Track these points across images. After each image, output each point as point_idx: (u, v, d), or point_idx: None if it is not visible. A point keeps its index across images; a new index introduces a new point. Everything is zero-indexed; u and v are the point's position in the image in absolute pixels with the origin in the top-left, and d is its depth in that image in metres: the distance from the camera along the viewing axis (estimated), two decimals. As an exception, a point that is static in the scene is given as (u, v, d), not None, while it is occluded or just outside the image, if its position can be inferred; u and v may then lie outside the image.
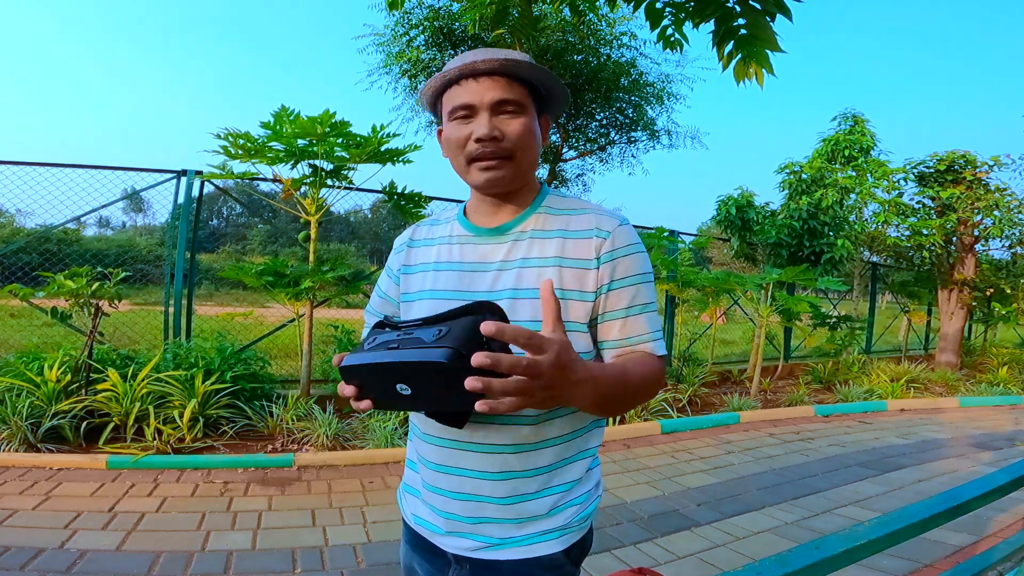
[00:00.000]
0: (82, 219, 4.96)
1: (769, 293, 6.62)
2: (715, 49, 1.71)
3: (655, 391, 0.91)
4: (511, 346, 0.70)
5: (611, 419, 5.02)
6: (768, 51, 1.65)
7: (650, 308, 0.93)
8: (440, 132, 0.99)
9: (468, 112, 0.91)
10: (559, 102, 0.99)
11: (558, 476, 0.94)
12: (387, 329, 0.79)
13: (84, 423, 3.74)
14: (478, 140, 0.90)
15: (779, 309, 6.66)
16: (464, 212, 1.03)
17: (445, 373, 0.67)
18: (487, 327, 0.64)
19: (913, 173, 9.52)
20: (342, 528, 2.88)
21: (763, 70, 1.69)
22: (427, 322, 0.76)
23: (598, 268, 0.91)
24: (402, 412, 4.33)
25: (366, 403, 0.77)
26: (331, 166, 4.43)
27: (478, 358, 0.63)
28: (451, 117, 0.93)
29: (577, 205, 0.98)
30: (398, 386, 0.72)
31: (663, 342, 0.93)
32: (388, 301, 1.11)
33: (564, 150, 9.36)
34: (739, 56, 1.70)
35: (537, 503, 0.92)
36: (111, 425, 3.78)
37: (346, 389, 0.76)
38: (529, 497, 0.92)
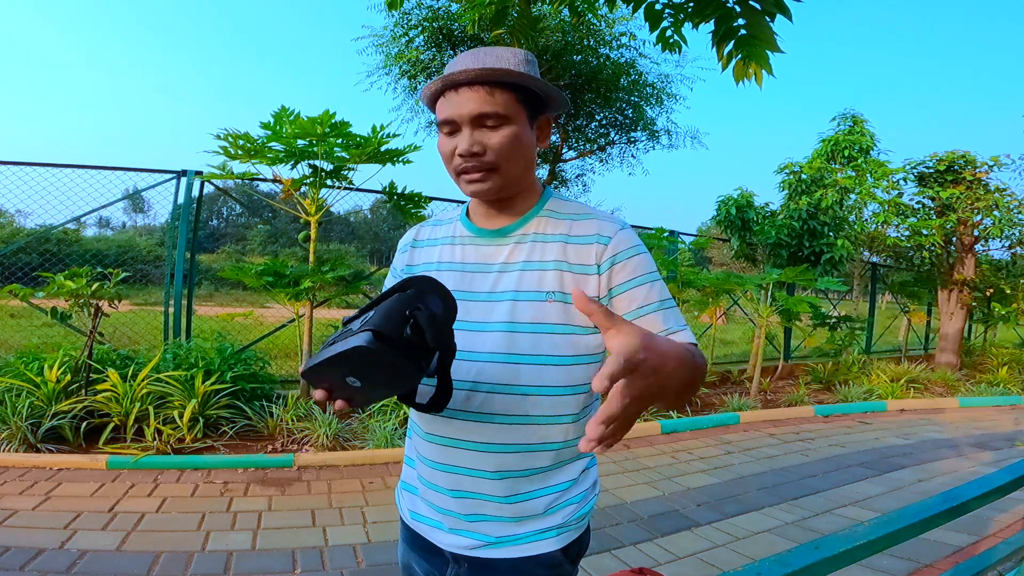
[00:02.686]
0: (82, 219, 4.96)
1: (769, 293, 6.62)
2: (715, 49, 1.71)
3: (700, 383, 0.80)
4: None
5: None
6: (767, 51, 1.65)
7: (668, 305, 0.91)
8: None
9: (452, 127, 0.91)
10: (555, 101, 0.97)
11: (556, 475, 0.94)
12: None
13: (84, 423, 3.74)
14: (460, 155, 0.91)
15: (779, 309, 6.66)
16: (467, 213, 1.04)
17: (371, 357, 0.68)
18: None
19: (913, 173, 9.51)
20: (342, 528, 2.88)
21: (762, 70, 1.69)
22: (363, 310, 0.77)
23: (599, 274, 0.91)
24: (403, 410, 4.33)
25: (339, 403, 0.77)
26: (331, 166, 4.43)
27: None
28: (440, 130, 0.94)
29: (580, 210, 0.98)
30: (348, 379, 0.73)
31: (691, 332, 0.90)
32: None
33: (564, 150, 9.37)
34: (739, 56, 1.70)
35: (535, 502, 0.92)
36: (111, 425, 3.77)
37: (316, 394, 0.77)
38: (527, 496, 0.92)
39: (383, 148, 4.34)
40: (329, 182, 4.51)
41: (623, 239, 0.93)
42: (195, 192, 5.09)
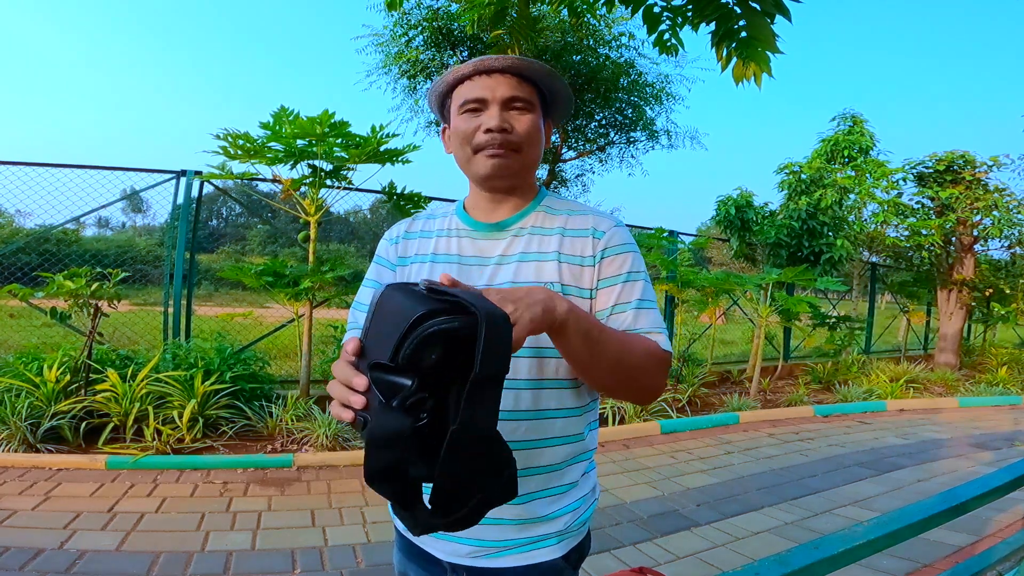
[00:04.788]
0: (81, 219, 4.96)
1: (768, 293, 6.62)
2: (714, 50, 1.71)
3: (656, 375, 0.88)
4: None
5: (611, 419, 5.02)
6: (767, 52, 1.65)
7: (647, 305, 0.93)
8: (445, 130, 1.01)
9: (479, 105, 0.94)
10: (563, 108, 1.03)
11: (556, 477, 0.93)
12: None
13: (83, 423, 3.74)
14: (487, 131, 0.92)
15: (778, 309, 6.66)
16: (463, 207, 1.04)
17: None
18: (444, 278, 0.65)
19: (912, 173, 9.52)
20: (342, 528, 2.88)
21: (762, 72, 1.69)
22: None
23: (594, 266, 0.93)
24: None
25: None
26: (330, 166, 4.43)
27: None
28: (461, 110, 0.96)
29: (575, 206, 1.01)
30: None
31: (667, 339, 0.92)
32: None
33: (563, 151, 9.37)
34: (738, 57, 1.70)
35: (536, 504, 0.91)
36: (110, 425, 3.77)
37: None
38: (528, 497, 0.91)
39: (382, 148, 4.34)
40: (328, 182, 4.51)
41: (616, 235, 0.96)
42: (194, 192, 5.09)
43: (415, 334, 0.56)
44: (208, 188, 5.34)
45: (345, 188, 4.69)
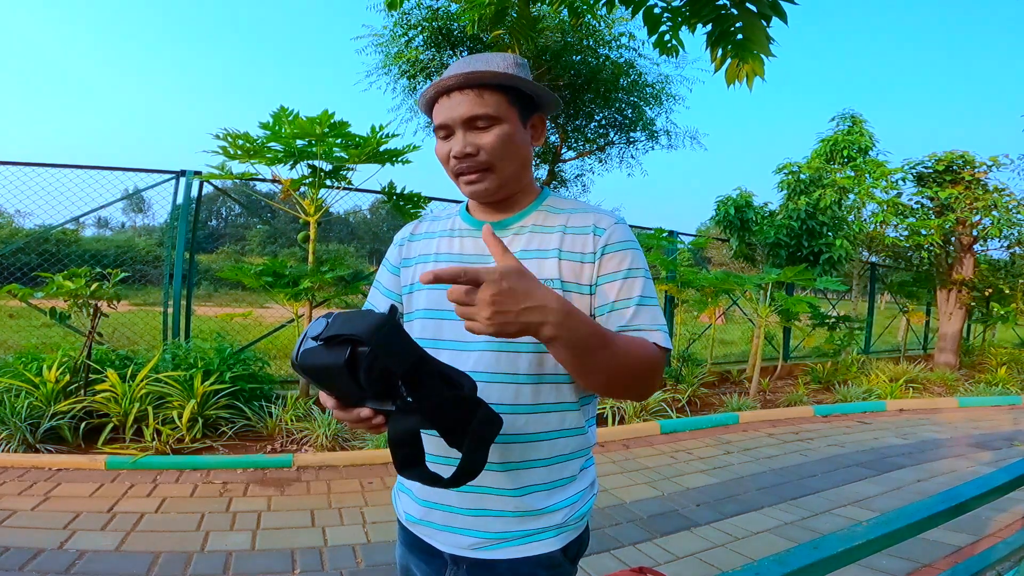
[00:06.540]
0: (81, 220, 4.96)
1: (768, 293, 6.62)
2: (709, 51, 1.72)
3: (651, 379, 0.88)
4: None
5: (611, 419, 5.02)
6: (761, 54, 1.65)
7: (647, 303, 0.92)
8: None
9: (446, 132, 0.95)
10: (543, 100, 0.99)
11: (555, 471, 0.95)
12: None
13: (83, 424, 3.74)
14: (455, 157, 0.93)
15: (778, 309, 6.66)
16: (467, 209, 1.06)
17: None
18: (425, 276, 0.68)
19: (912, 173, 9.53)
20: (341, 528, 2.88)
21: (755, 75, 1.69)
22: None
23: (594, 262, 0.93)
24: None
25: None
26: (330, 166, 4.43)
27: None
28: (436, 135, 0.98)
29: (577, 205, 1.01)
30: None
31: (666, 335, 0.91)
32: (386, 295, 1.10)
33: (563, 151, 9.37)
34: (731, 59, 1.70)
35: (536, 496, 0.93)
36: (110, 426, 3.77)
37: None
38: (528, 490, 0.92)
39: (382, 148, 4.35)
40: (328, 182, 4.51)
41: (617, 232, 0.95)
42: (194, 192, 5.09)
43: (360, 377, 0.67)
44: (208, 188, 5.34)
45: (345, 188, 4.70)
